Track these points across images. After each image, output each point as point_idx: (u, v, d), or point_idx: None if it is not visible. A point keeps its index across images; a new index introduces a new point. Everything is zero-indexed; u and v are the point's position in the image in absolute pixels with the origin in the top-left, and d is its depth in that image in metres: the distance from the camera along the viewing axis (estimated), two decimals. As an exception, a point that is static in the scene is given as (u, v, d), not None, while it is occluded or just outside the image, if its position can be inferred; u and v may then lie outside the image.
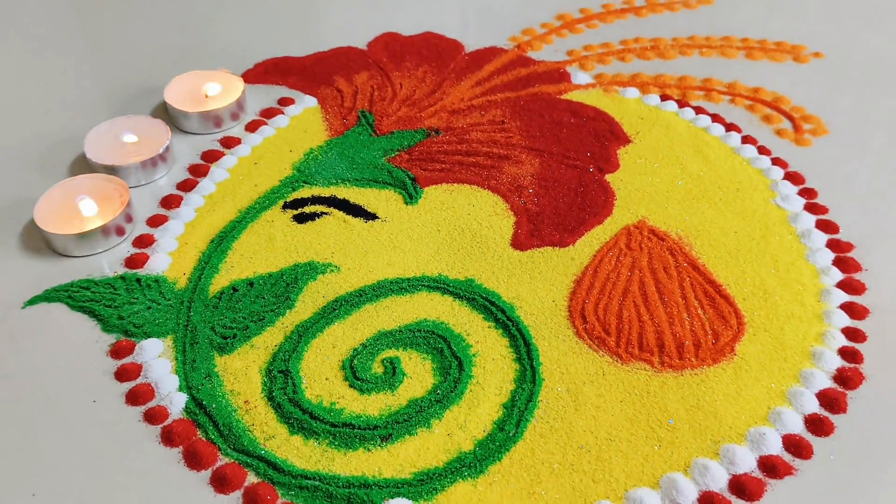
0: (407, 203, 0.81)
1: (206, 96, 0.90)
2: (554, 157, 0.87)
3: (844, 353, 0.67)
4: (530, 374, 0.65)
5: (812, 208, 0.81)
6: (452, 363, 0.66)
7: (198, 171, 0.85)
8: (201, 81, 0.92)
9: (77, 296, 0.72)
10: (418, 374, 0.65)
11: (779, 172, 0.85)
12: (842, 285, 0.73)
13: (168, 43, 1.07)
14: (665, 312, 0.70)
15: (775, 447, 0.60)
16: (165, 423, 0.62)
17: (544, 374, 0.65)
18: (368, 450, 0.60)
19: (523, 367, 0.66)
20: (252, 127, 0.91)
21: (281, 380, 0.65)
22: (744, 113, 0.94)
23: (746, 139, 0.89)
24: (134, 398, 0.64)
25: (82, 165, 0.85)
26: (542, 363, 0.66)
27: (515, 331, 0.68)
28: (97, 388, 0.65)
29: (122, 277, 0.73)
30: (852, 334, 0.68)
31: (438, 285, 0.73)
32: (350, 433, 0.61)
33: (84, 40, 1.09)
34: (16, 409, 0.63)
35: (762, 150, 0.88)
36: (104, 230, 0.75)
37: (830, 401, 0.63)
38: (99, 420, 0.62)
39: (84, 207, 0.76)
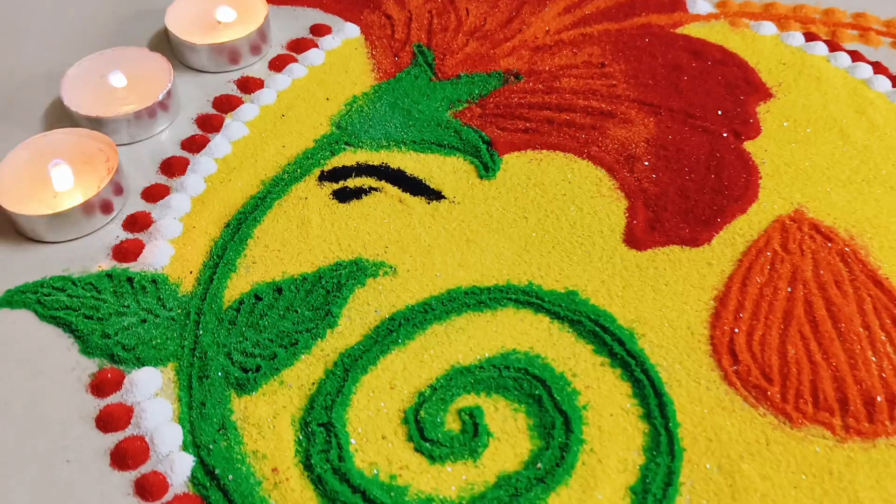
0: (481, 177, 0.62)
1: (219, 23, 0.69)
2: (674, 115, 0.66)
3: None
4: (666, 442, 0.47)
5: None
6: (556, 420, 0.48)
7: (208, 125, 0.66)
8: (213, 2, 0.70)
9: (49, 301, 0.54)
10: (509, 435, 0.47)
11: (973, 145, 0.64)
12: None
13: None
14: (843, 350, 0.51)
15: None
16: (164, 500, 0.45)
17: (685, 442, 0.47)
18: (445, 552, 0.43)
19: (655, 429, 0.47)
20: (278, 64, 0.71)
21: (321, 437, 0.47)
22: (914, 60, 0.72)
23: (924, 98, 0.68)
24: (121, 459, 0.47)
25: (58, 115, 0.66)
26: (681, 424, 0.48)
27: (640, 372, 0.50)
28: (72, 440, 0.48)
29: (109, 275, 0.55)
30: None
31: (530, 299, 0.54)
32: (420, 526, 0.44)
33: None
34: (-41, 473, 0.46)
35: (946, 114, 0.67)
36: (85, 208, 0.56)
37: None
38: (73, 490, 0.45)
39: (58, 177, 0.57)
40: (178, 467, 0.46)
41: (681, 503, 0.45)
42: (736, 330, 0.52)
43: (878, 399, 0.49)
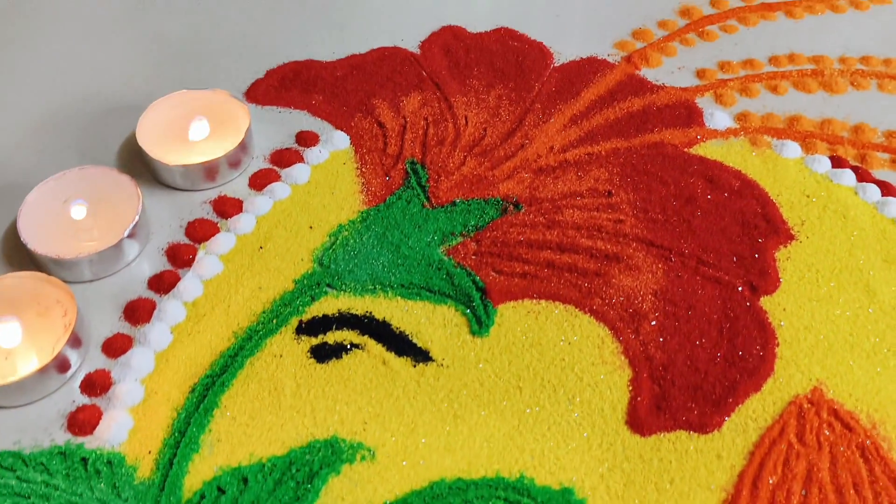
0: (474, 333, 0.57)
1: (195, 143, 0.64)
2: (685, 260, 0.61)
3: None
4: None
5: None
6: None
7: (179, 259, 0.60)
8: (188, 111, 0.65)
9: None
10: None
11: None
12: None
13: (147, 42, 0.79)
14: (863, 576, 0.46)
15: None
16: None
17: None
18: None
19: None
20: (259, 181, 0.65)
21: None
22: (951, 193, 0.66)
23: (959, 244, 0.62)
24: None
25: (13, 253, 0.60)
26: None
27: None
28: None
29: (63, 453, 0.50)
30: None
31: (520, 498, 0.49)
32: None
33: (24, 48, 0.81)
34: None
35: (984, 265, 0.61)
36: (42, 372, 0.52)
37: None
38: None
39: (6, 337, 0.52)
40: None
41: None
42: (745, 547, 0.47)
43: None
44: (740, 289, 0.59)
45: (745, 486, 0.50)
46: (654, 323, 0.57)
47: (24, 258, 0.59)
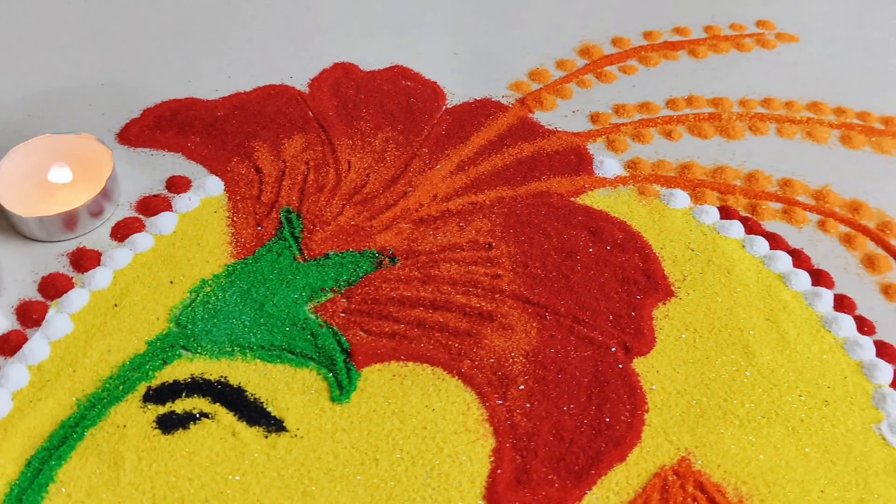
0: (334, 399, 0.54)
1: (56, 190, 0.61)
2: (561, 320, 0.59)
3: None
4: None
5: (937, 445, 0.54)
6: None
7: (29, 317, 0.57)
8: (49, 156, 0.62)
9: None
10: None
11: (887, 372, 0.57)
12: None
13: (19, 78, 0.75)
14: None
15: None
16: None
17: None
18: None
19: None
20: (121, 232, 0.62)
21: None
22: (837, 248, 0.65)
23: (841, 302, 0.61)
24: None
25: None
26: None
27: None
28: None
29: None
30: None
31: (365, 583, 0.46)
32: None
33: None
34: None
35: (863, 325, 0.60)
36: None
37: None
38: None
39: None
40: None
41: None
42: None
43: None
44: (613, 349, 0.57)
45: (599, 568, 0.48)
46: (522, 387, 0.55)
47: None
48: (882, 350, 0.59)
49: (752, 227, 0.65)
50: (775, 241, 0.65)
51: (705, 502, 0.51)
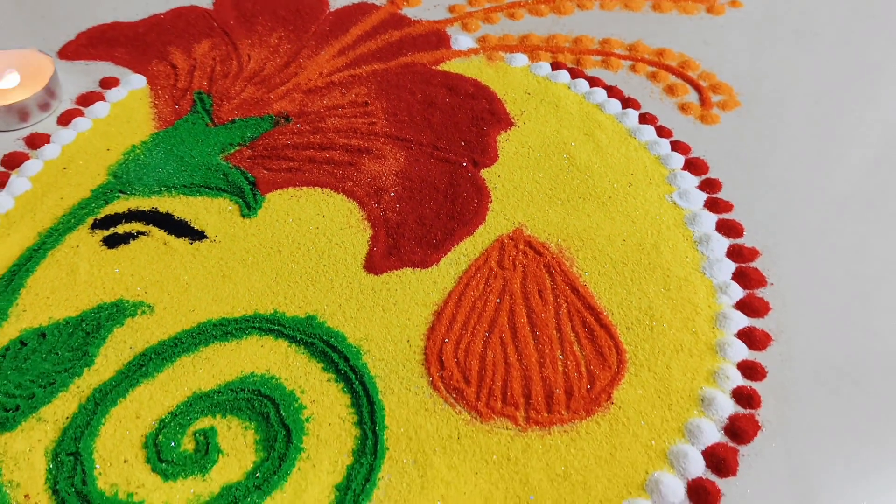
0: (244, 215, 0.69)
1: (9, 89, 0.75)
2: (423, 148, 0.74)
3: (739, 395, 0.58)
4: (371, 444, 0.55)
5: (714, 205, 0.70)
6: (279, 433, 0.55)
7: (-7, 182, 0.71)
8: (2, 67, 0.76)
9: None
10: (237, 450, 0.55)
11: (678, 160, 0.74)
12: (741, 305, 0.63)
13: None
14: (536, 350, 0.60)
15: (650, 526, 0.51)
16: (-78, 532, 0.51)
17: (389, 442, 0.55)
18: (169, 556, 0.50)
19: (364, 433, 0.55)
20: (65, 119, 0.76)
21: (69, 465, 0.53)
22: (645, 83, 0.81)
23: (645, 118, 0.78)
24: None
25: None
26: (388, 427, 0.56)
27: (359, 385, 0.58)
28: None
29: None
30: (750, 371, 0.59)
31: (272, 326, 0.61)
32: (147, 536, 0.51)
33: None
34: None
35: (662, 132, 0.76)
36: None
37: (719, 461, 0.54)
38: None
39: None
40: (-65, 503, 0.52)
41: (377, 495, 0.53)
42: (446, 340, 0.60)
43: (556, 392, 0.57)
44: (465, 164, 0.73)
45: (451, 300, 0.63)
46: (392, 194, 0.70)
47: None
48: (676, 146, 0.75)
49: (576, 74, 0.82)
50: (594, 82, 0.81)
51: (532, 253, 0.66)
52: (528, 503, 0.52)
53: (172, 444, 0.55)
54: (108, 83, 0.80)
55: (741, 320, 0.62)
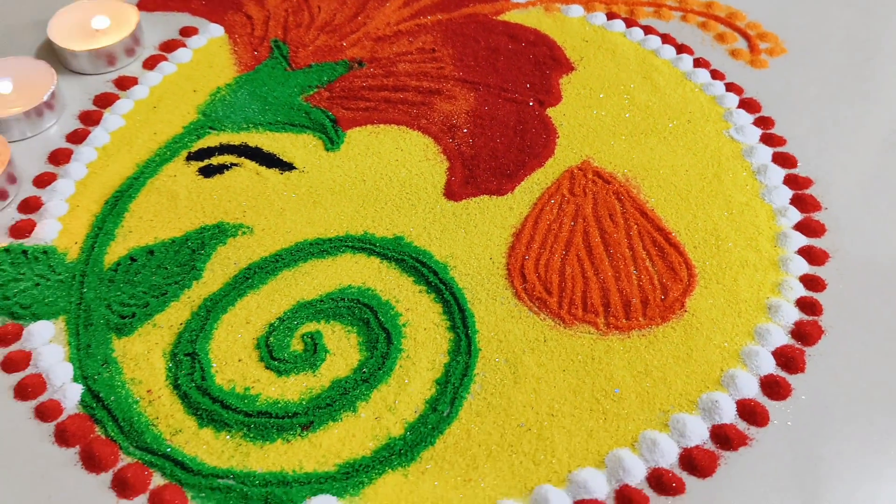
0: (328, 149, 0.73)
1: (95, 31, 0.79)
2: (491, 90, 0.78)
3: (803, 304, 0.62)
4: (465, 345, 0.59)
5: (768, 140, 0.74)
6: (380, 336, 0.60)
7: (90, 120, 0.75)
8: (89, 13, 0.80)
9: (-48, 274, 0.63)
10: (342, 351, 0.59)
11: (733, 100, 0.78)
12: (800, 227, 0.67)
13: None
14: (611, 266, 0.64)
15: (729, 415, 0.56)
16: (59, 420, 0.56)
17: (481, 344, 0.59)
18: (288, 440, 0.54)
19: (458, 336, 0.60)
20: (150, 63, 0.81)
21: (187, 364, 0.58)
22: (696, 31, 0.86)
23: (699, 62, 0.82)
24: (23, 392, 0.57)
25: (-48, 118, 0.75)
26: (479, 331, 0.60)
27: (449, 295, 0.62)
28: (-21, 382, 0.57)
29: (7, 250, 0.65)
30: (811, 283, 0.64)
31: (364, 245, 0.66)
32: (267, 423, 0.55)
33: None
34: None
35: (716, 75, 0.81)
36: (-19, 196, 0.66)
37: (788, 360, 0.59)
38: (-19, 421, 0.55)
39: (-46, 170, 0.66)
40: (69, 395, 0.56)
41: (475, 388, 0.57)
42: (526, 257, 0.65)
43: (634, 301, 0.62)
44: (531, 103, 0.77)
45: (528, 223, 0.67)
46: (465, 131, 0.75)
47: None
48: (730, 88, 0.79)
49: (630, 24, 0.86)
50: (648, 30, 0.85)
51: (601, 182, 0.71)
52: (614, 395, 0.57)
53: (284, 343, 0.59)
54: (188, 32, 0.84)
55: (800, 239, 0.66)
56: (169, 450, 0.54)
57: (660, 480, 0.53)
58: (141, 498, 0.52)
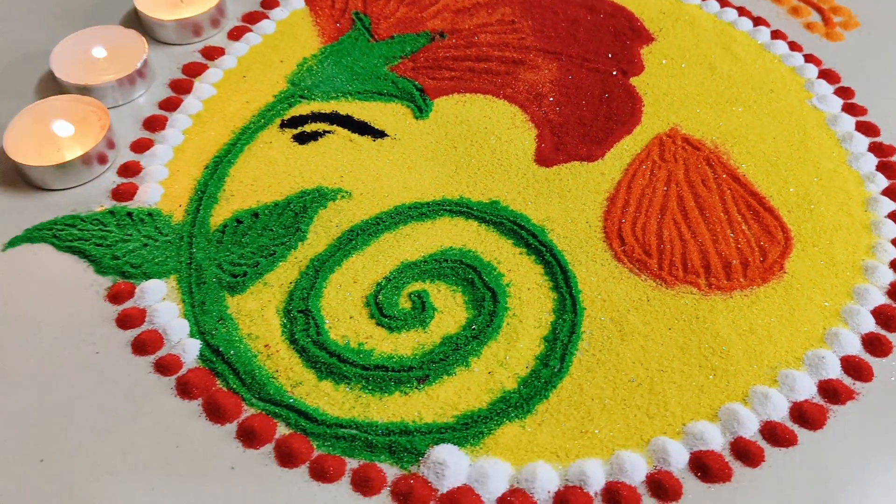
0: (417, 118, 0.74)
1: (182, 1, 0.80)
2: (573, 60, 0.79)
3: (897, 266, 0.63)
4: (570, 304, 0.60)
5: (850, 109, 0.75)
6: (486, 295, 0.61)
7: (180, 88, 0.77)
8: (176, -15, 0.81)
9: (63, 234, 0.64)
10: (450, 309, 0.60)
11: (813, 70, 0.79)
12: (888, 192, 0.68)
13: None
14: (708, 230, 0.65)
15: (834, 371, 0.57)
16: (180, 374, 0.57)
17: (585, 303, 0.61)
18: (405, 393, 0.56)
19: (562, 296, 0.61)
20: (235, 34, 0.82)
21: (302, 320, 0.59)
22: (770, 6, 0.86)
23: (776, 34, 0.83)
24: (141, 347, 0.58)
25: (50, 86, 0.76)
26: (582, 290, 0.61)
27: (550, 257, 0.63)
28: (98, 337, 0.59)
29: (112, 212, 0.66)
30: (904, 246, 0.64)
31: (461, 209, 0.67)
32: (384, 376, 0.56)
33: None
34: (8, 365, 0.57)
35: (793, 46, 0.82)
36: (85, 159, 0.67)
37: (887, 318, 0.60)
38: (105, 373, 0.57)
39: (60, 133, 0.67)
40: (188, 350, 0.58)
41: (582, 346, 0.58)
42: (623, 221, 0.66)
43: (734, 262, 0.63)
44: (615, 73, 0.78)
45: (621, 188, 0.68)
46: (551, 99, 0.76)
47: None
48: (808, 58, 0.80)
49: (706, -3, 0.87)
50: (724, 3, 0.86)
51: (691, 149, 0.72)
52: (721, 352, 0.58)
53: (393, 301, 0.60)
54: (270, 4, 0.85)
55: (890, 204, 0.67)
56: (292, 401, 0.55)
57: (773, 432, 0.54)
58: (267, 447, 0.53)
